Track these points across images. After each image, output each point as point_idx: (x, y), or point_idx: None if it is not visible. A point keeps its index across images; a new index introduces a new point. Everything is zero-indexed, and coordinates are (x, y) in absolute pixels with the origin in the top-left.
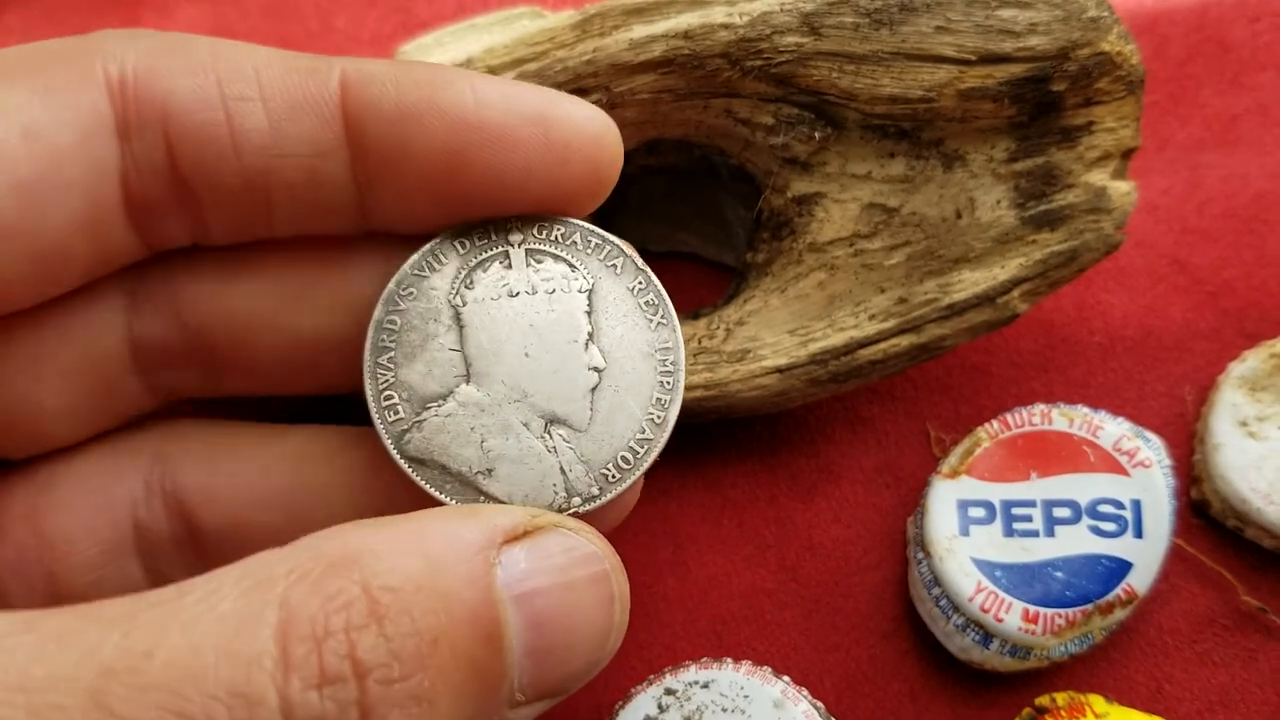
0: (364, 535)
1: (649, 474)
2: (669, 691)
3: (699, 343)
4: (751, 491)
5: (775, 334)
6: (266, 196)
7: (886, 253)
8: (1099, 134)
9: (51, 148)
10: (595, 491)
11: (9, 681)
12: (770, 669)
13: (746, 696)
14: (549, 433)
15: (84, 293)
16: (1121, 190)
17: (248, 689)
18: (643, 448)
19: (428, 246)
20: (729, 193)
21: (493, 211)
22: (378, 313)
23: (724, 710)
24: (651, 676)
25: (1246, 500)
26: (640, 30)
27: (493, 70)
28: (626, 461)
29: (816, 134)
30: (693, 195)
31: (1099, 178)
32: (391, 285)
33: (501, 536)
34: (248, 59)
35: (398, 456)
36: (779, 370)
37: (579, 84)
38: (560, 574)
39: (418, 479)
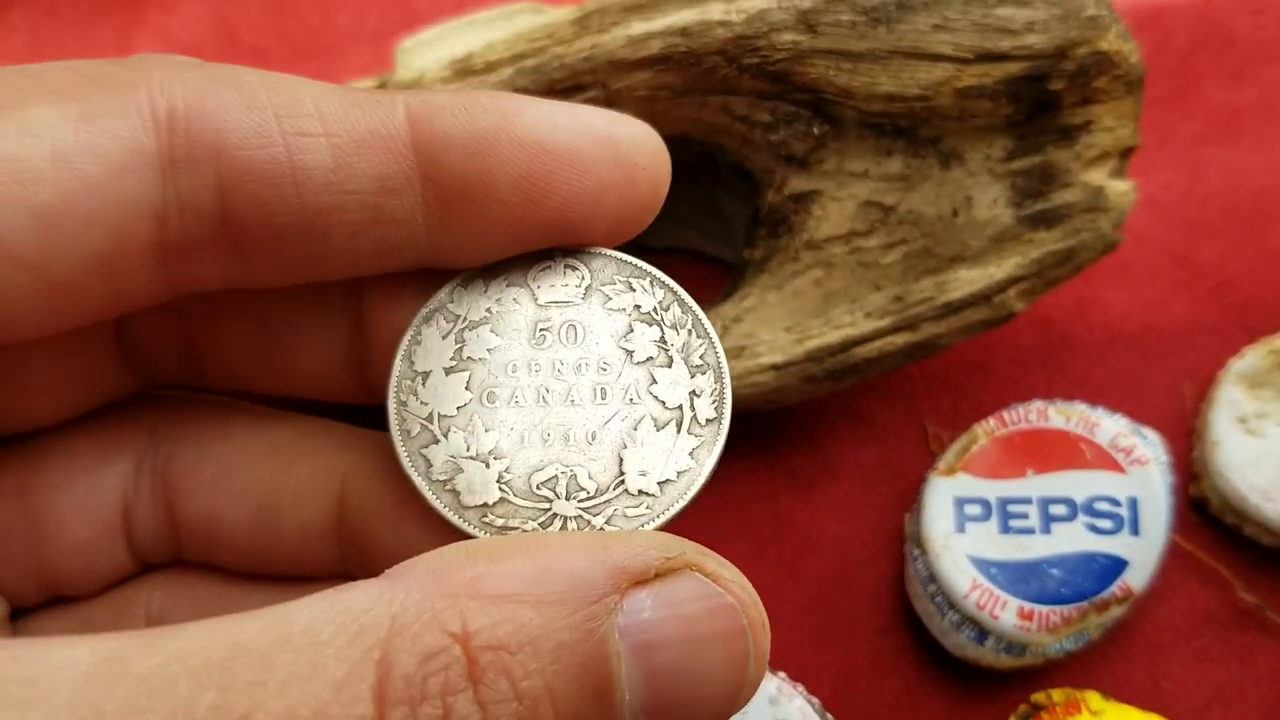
0: (477, 575)
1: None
2: None
3: None
4: (749, 488)
5: (772, 331)
6: (325, 236)
7: (883, 251)
8: (1097, 133)
9: (81, 177)
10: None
11: None
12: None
13: None
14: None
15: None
16: (1119, 189)
17: None
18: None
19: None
20: (728, 189)
21: (565, 240)
22: None
23: None
24: None
25: (1245, 497)
26: (638, 27)
27: (491, 66)
28: None
29: (815, 130)
30: (691, 192)
31: (1097, 177)
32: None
33: (628, 581)
34: (305, 92)
35: None
36: (775, 367)
37: (577, 80)
38: (689, 625)
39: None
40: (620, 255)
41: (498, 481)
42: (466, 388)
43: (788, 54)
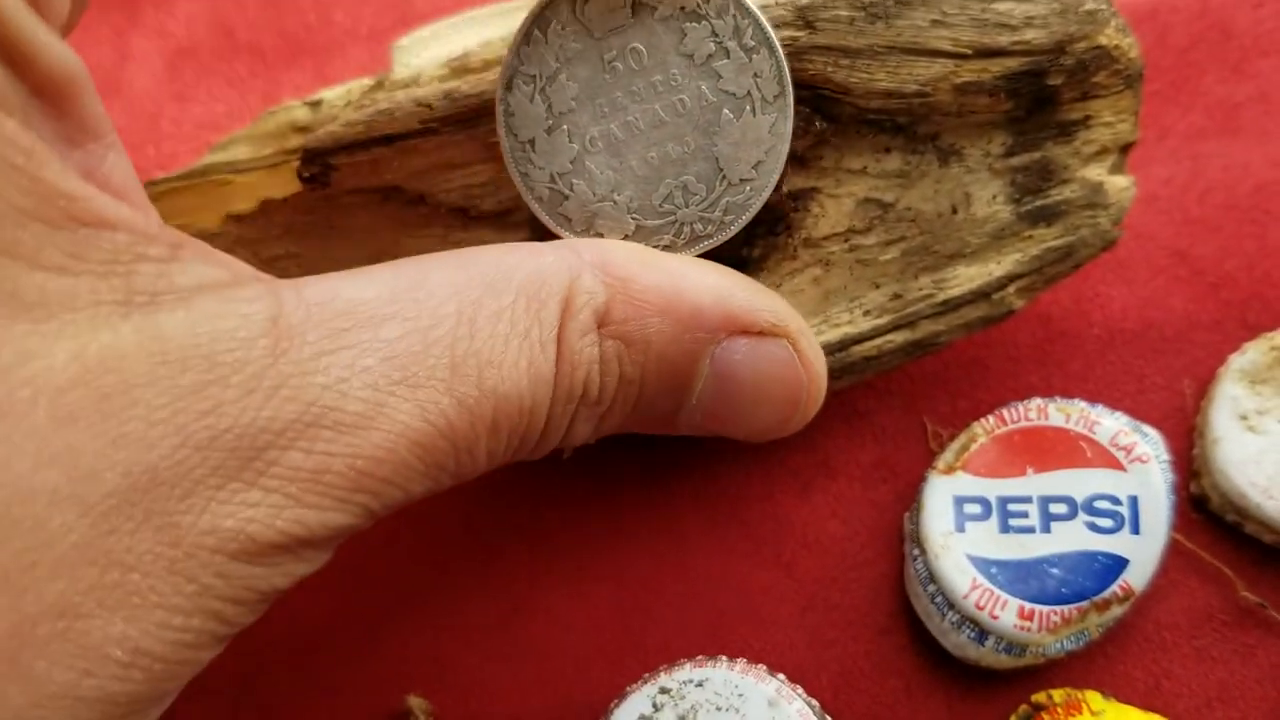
0: (630, 275)
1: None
2: (663, 690)
3: None
4: (747, 487)
5: None
6: None
7: (881, 248)
8: (1096, 128)
9: None
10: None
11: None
12: (765, 667)
13: (741, 695)
14: None
15: None
16: (1119, 185)
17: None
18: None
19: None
20: None
21: None
22: None
23: (718, 709)
24: (646, 675)
25: (1246, 495)
26: None
27: (489, 65)
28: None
29: (817, 125)
30: None
31: (1096, 173)
32: None
33: (737, 329)
34: None
35: None
36: None
37: None
38: (762, 381)
39: None
40: None
41: (628, 213)
42: (569, 140)
43: (786, 50)
